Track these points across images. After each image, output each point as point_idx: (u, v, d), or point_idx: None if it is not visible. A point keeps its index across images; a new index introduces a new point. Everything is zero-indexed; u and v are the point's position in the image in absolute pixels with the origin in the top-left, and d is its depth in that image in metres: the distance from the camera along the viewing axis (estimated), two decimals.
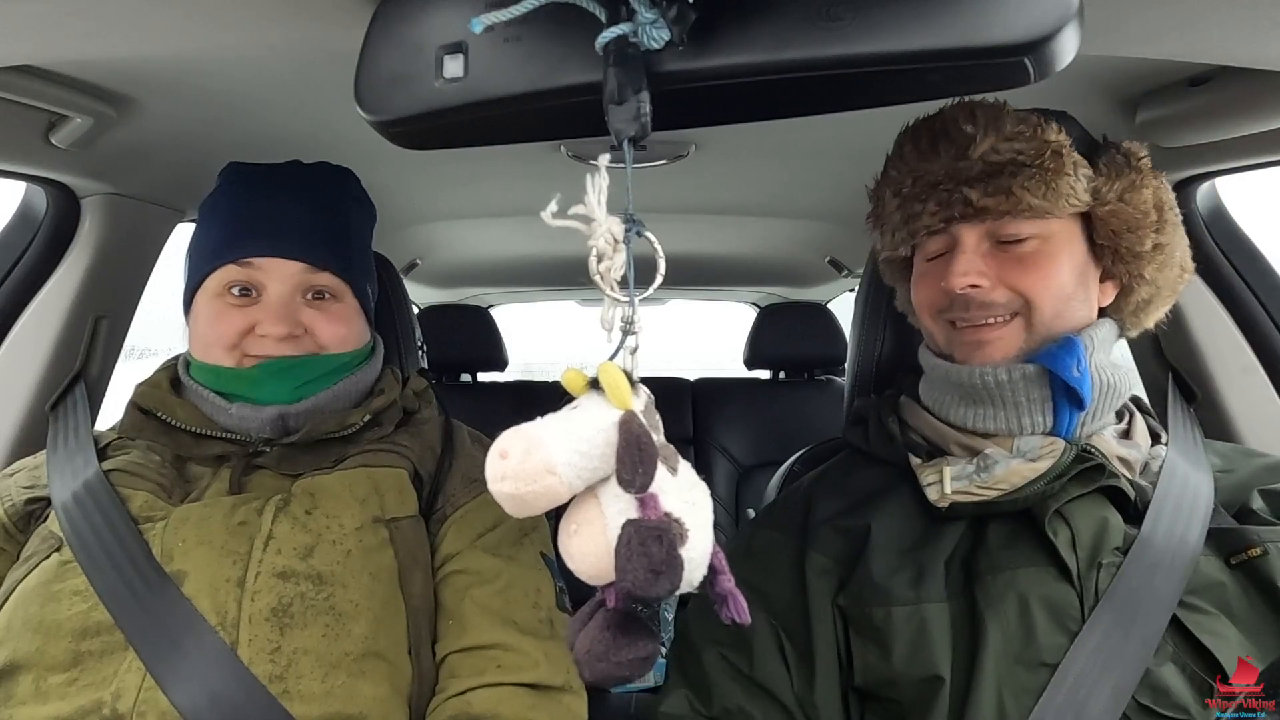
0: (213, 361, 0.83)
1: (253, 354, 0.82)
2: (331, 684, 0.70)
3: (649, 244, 0.42)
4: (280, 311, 0.82)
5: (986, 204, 0.69)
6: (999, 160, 0.69)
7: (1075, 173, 0.69)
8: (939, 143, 0.72)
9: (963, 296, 0.72)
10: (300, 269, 0.84)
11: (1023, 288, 0.71)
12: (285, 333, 0.82)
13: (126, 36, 0.63)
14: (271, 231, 0.83)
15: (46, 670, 0.67)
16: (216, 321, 0.83)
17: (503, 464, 0.37)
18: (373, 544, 0.77)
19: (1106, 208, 0.71)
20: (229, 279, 0.83)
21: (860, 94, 0.49)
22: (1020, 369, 0.71)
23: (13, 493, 0.81)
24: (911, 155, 0.74)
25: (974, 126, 0.70)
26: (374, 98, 0.48)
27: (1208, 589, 0.65)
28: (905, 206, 0.74)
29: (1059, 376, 0.69)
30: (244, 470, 0.81)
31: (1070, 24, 0.39)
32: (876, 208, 0.79)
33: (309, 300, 0.85)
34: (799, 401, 2.31)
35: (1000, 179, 0.69)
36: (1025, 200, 0.68)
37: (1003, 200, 0.69)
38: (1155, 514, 0.67)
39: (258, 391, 0.82)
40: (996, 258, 0.72)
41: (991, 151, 0.69)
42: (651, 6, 0.40)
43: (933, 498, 0.72)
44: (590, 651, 0.38)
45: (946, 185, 0.71)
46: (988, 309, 0.72)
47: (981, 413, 0.73)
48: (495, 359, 2.35)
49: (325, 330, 0.85)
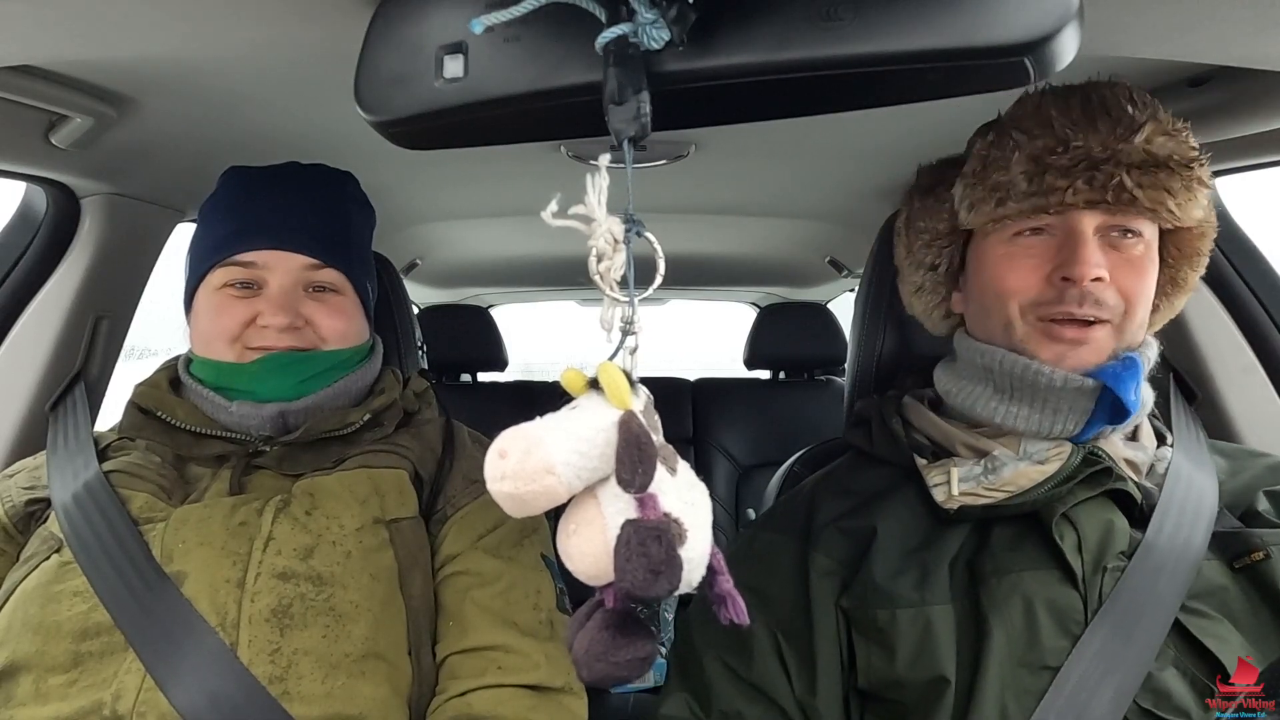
0: (214, 356, 0.83)
1: (254, 346, 0.83)
2: (331, 685, 0.70)
3: (649, 244, 0.42)
4: (282, 302, 0.83)
5: (1140, 195, 0.64)
6: (1159, 152, 0.64)
7: (1206, 188, 0.67)
8: (1098, 116, 0.65)
9: (1079, 290, 0.66)
10: (303, 263, 0.84)
11: (1129, 291, 0.67)
12: (287, 323, 0.82)
13: (126, 36, 0.63)
14: (275, 226, 0.84)
15: (46, 671, 0.67)
16: (218, 314, 0.83)
17: (502, 464, 0.37)
18: (373, 545, 0.77)
19: (1199, 230, 0.69)
20: (232, 274, 0.83)
21: (860, 94, 0.49)
22: (1079, 381, 0.68)
23: (13, 494, 0.81)
24: (1060, 120, 0.66)
25: (1135, 109, 0.65)
26: (374, 98, 0.48)
27: (1210, 593, 0.64)
28: (1043, 176, 0.66)
29: (1115, 395, 0.66)
30: (244, 470, 0.81)
31: (1070, 24, 0.39)
32: (985, 170, 0.70)
33: (310, 293, 0.86)
34: (799, 402, 2.31)
35: (1159, 173, 0.64)
36: (1168, 202, 0.64)
37: (1154, 195, 0.64)
38: (1160, 518, 0.67)
39: (258, 386, 0.82)
40: (1108, 255, 0.67)
41: (1152, 141, 0.64)
42: (651, 6, 0.40)
43: (940, 499, 0.71)
44: (589, 651, 0.38)
45: (1107, 165, 0.64)
46: (1099, 307, 0.67)
47: (1015, 410, 0.71)
48: (495, 359, 2.35)
49: (326, 323, 0.85)
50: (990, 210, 0.70)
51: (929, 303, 0.82)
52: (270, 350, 0.82)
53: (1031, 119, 0.68)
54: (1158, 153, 0.64)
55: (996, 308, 0.72)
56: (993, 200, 0.69)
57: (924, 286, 0.81)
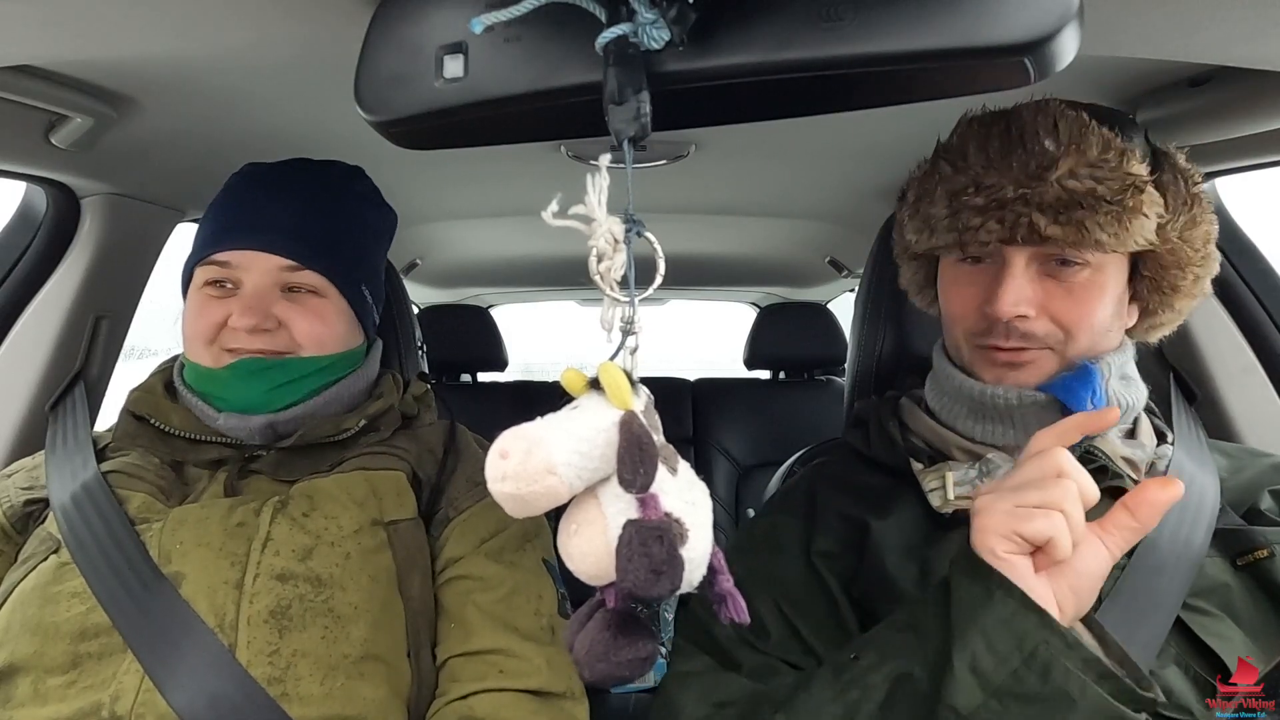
0: (194, 359, 0.83)
1: (229, 348, 0.81)
2: (330, 686, 0.69)
3: (649, 244, 0.42)
4: (252, 302, 0.80)
5: (1054, 233, 0.63)
6: (1077, 189, 0.63)
7: (1149, 212, 0.64)
8: (1012, 153, 0.65)
9: (1004, 325, 0.68)
10: (279, 264, 0.82)
11: (1066, 320, 0.67)
12: (253, 324, 0.79)
13: (126, 36, 0.63)
14: (249, 226, 0.82)
15: (45, 672, 0.67)
16: (196, 315, 0.82)
17: (503, 464, 0.37)
18: (371, 546, 0.77)
19: (1167, 246, 0.67)
20: (209, 273, 0.83)
21: (860, 94, 0.49)
22: (1031, 396, 0.69)
23: (11, 494, 0.81)
24: (977, 159, 0.67)
25: (1055, 143, 0.64)
26: (374, 98, 0.48)
27: (1212, 591, 0.64)
28: (960, 215, 0.67)
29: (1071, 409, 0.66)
30: (239, 474, 0.81)
31: (1070, 24, 0.39)
32: (919, 200, 0.72)
33: (286, 295, 0.83)
34: (799, 402, 2.31)
35: (1075, 210, 0.62)
36: (1094, 235, 0.63)
37: (1072, 232, 0.63)
38: (1161, 517, 0.67)
39: (228, 393, 0.81)
40: (1044, 284, 0.67)
41: (1070, 177, 0.63)
42: (651, 6, 0.40)
43: (936, 504, 0.71)
44: (590, 652, 0.38)
45: (1015, 206, 0.64)
46: (1027, 339, 0.68)
47: (990, 429, 0.72)
48: (495, 359, 2.35)
49: (300, 326, 0.82)
50: (925, 240, 0.71)
51: (924, 301, 0.84)
52: (240, 353, 0.81)
53: (955, 152, 0.69)
54: (1076, 188, 0.63)
55: (949, 329, 0.75)
56: (926, 231, 0.71)
57: (910, 290, 0.84)
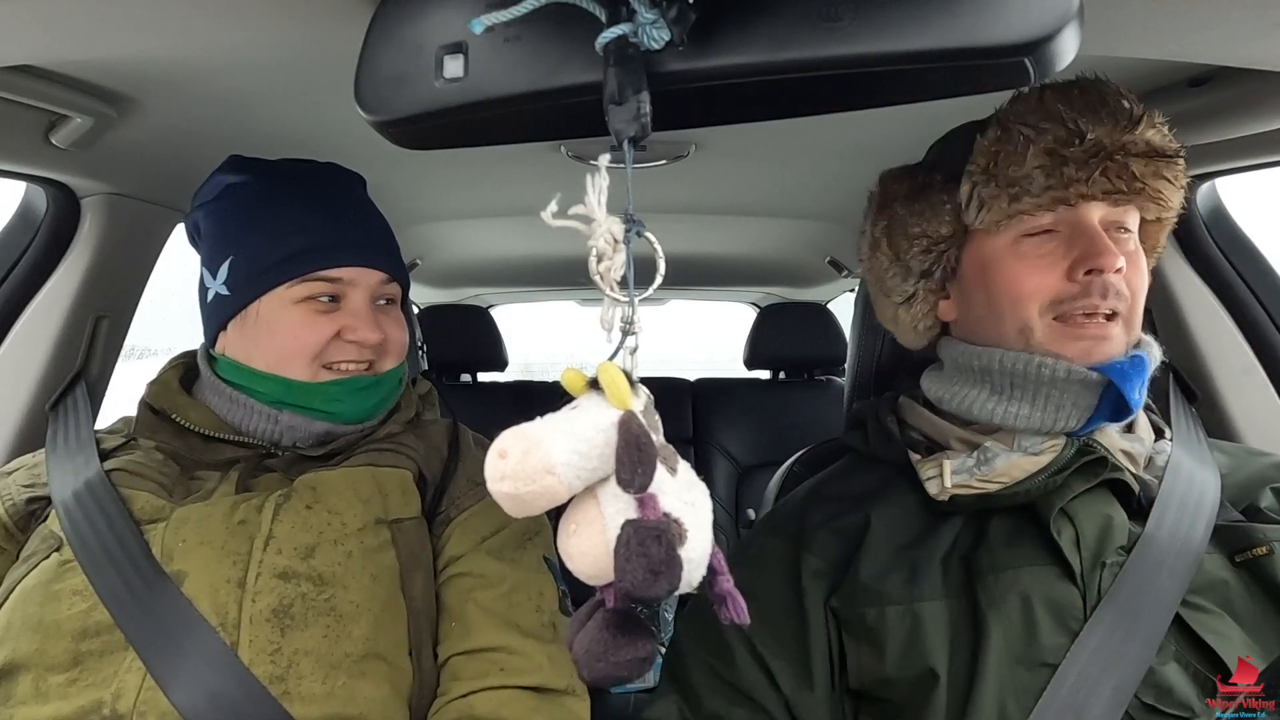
0: (287, 373, 0.82)
1: (332, 362, 0.83)
2: (332, 685, 0.70)
3: (649, 244, 0.42)
4: (370, 318, 0.84)
5: (1147, 185, 0.65)
6: (1158, 143, 0.66)
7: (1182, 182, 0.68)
8: (1102, 108, 0.66)
9: (1102, 281, 0.66)
10: (380, 278, 0.86)
11: (1134, 283, 0.68)
12: (380, 337, 0.84)
13: (126, 36, 0.63)
14: (361, 243, 0.85)
15: (46, 670, 0.67)
16: (302, 329, 0.82)
17: (502, 464, 0.37)
18: (374, 545, 0.77)
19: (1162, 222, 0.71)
20: (315, 288, 0.82)
21: (860, 94, 0.49)
22: (1083, 374, 0.67)
23: (13, 491, 0.81)
24: (1065, 112, 0.65)
25: (1130, 103, 0.66)
26: (374, 98, 0.48)
27: (1211, 587, 0.64)
28: (1060, 170, 0.65)
29: (1119, 392, 0.66)
30: (252, 473, 0.81)
31: (1070, 24, 0.40)
32: (994, 164, 0.68)
33: (380, 308, 0.87)
34: (799, 402, 2.31)
35: (1158, 163, 0.65)
36: (1165, 191, 0.66)
37: (1158, 185, 0.66)
38: (1160, 512, 0.67)
39: (334, 407, 0.83)
40: None
41: (1152, 130, 0.66)
42: (651, 7, 0.40)
43: (933, 491, 0.72)
44: (589, 652, 0.38)
45: (1120, 156, 0.65)
46: (1119, 299, 0.67)
47: (1014, 410, 0.70)
48: (495, 359, 2.35)
49: (395, 336, 0.87)
50: (1005, 207, 0.68)
51: (919, 313, 0.79)
52: (347, 366, 0.84)
53: (1036, 114, 0.67)
54: (1156, 144, 0.66)
55: (1011, 312, 0.70)
56: (1006, 196, 0.68)
57: (916, 295, 0.79)
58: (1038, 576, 0.65)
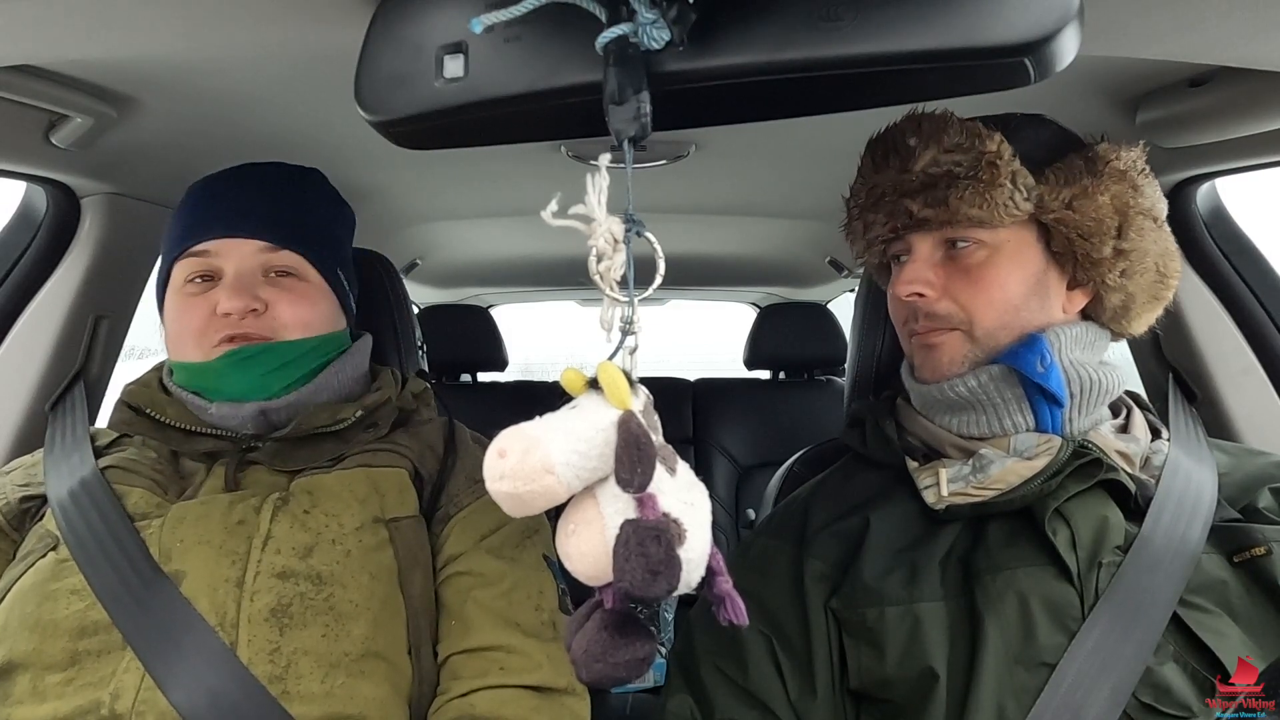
0: (184, 358, 0.82)
1: (218, 339, 0.81)
2: (331, 684, 0.70)
3: (649, 244, 0.42)
4: (237, 286, 0.81)
5: (926, 215, 0.71)
6: (937, 172, 0.71)
7: (1014, 183, 0.70)
8: (889, 156, 0.74)
9: (910, 305, 0.75)
10: (258, 247, 0.83)
11: (964, 300, 0.73)
12: (243, 306, 0.79)
13: (126, 36, 0.63)
14: (226, 213, 0.83)
15: (44, 670, 0.67)
16: (182, 313, 0.82)
17: (501, 463, 0.37)
18: (372, 544, 0.77)
19: (1052, 215, 0.71)
20: (189, 267, 0.83)
21: (860, 94, 0.49)
22: (986, 371, 0.72)
23: (8, 491, 0.81)
24: (867, 168, 0.77)
25: (917, 139, 0.72)
26: (374, 98, 0.48)
27: (1209, 587, 0.64)
28: (862, 217, 0.78)
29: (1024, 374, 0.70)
30: (239, 466, 0.81)
31: (1070, 24, 0.39)
32: (846, 219, 0.82)
33: (269, 279, 0.84)
34: (799, 402, 2.31)
35: (937, 190, 0.71)
36: (963, 211, 0.70)
37: (942, 211, 0.71)
38: (1157, 512, 0.67)
39: (225, 383, 0.81)
40: (945, 268, 0.74)
41: (931, 164, 0.71)
42: (652, 7, 0.40)
43: (930, 500, 0.72)
44: (588, 652, 0.38)
45: (891, 197, 0.73)
46: (932, 319, 0.74)
47: (966, 419, 0.74)
48: (495, 359, 2.35)
49: (284, 308, 0.83)
50: (857, 250, 0.82)
51: None
52: (232, 339, 0.81)
53: (857, 171, 0.80)
54: (935, 171, 0.71)
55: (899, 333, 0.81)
56: (851, 242, 0.82)
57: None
58: (1035, 577, 0.65)
